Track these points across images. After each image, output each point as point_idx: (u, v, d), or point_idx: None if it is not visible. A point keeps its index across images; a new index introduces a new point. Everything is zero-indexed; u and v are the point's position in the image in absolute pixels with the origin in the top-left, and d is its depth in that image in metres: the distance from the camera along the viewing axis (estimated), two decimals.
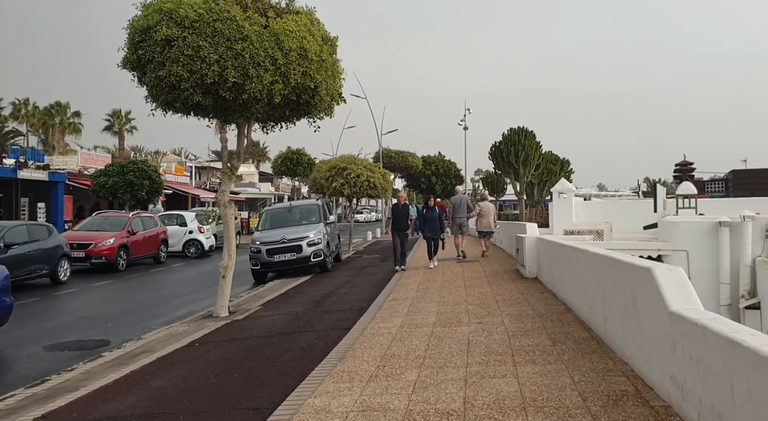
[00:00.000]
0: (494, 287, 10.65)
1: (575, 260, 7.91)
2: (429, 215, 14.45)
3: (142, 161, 24.94)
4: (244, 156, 10.22)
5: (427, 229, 14.38)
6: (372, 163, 23.03)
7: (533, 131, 27.50)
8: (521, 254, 12.04)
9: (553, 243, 9.70)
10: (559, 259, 9.17)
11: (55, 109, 61.16)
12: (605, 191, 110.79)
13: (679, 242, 15.29)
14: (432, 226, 14.32)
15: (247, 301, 11.46)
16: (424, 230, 14.51)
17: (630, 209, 24.38)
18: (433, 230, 14.36)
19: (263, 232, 15.60)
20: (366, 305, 9.64)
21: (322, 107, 9.71)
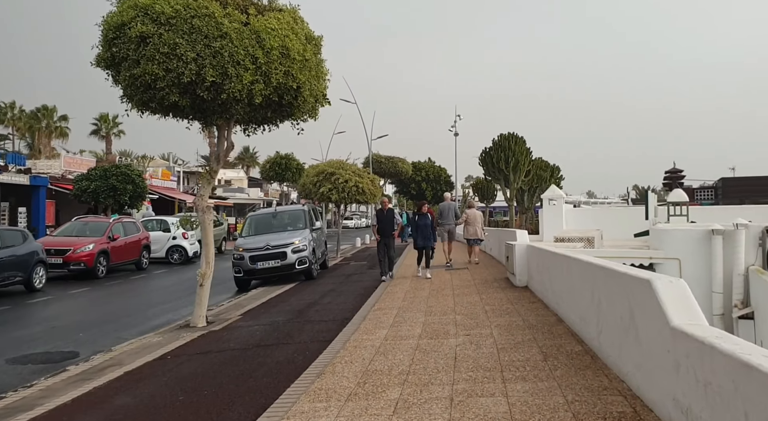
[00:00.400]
0: (483, 296, 10.30)
1: (567, 269, 7.57)
2: (422, 221, 13.40)
3: (125, 165, 24.41)
4: (224, 159, 9.82)
5: (420, 237, 13.40)
6: (360, 169, 22.66)
7: (523, 137, 27.33)
8: (511, 262, 11.70)
9: (544, 251, 9.38)
10: (551, 267, 8.84)
11: (42, 112, 60.44)
12: (594, 199, 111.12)
13: (672, 250, 15.03)
14: (425, 233, 13.34)
15: (227, 310, 11.04)
16: (416, 238, 13.51)
17: (620, 217, 24.20)
18: (426, 237, 13.36)
19: (247, 238, 15.19)
20: (350, 315, 9.26)
21: (306, 109, 9.35)
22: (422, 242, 13.35)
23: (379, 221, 13.70)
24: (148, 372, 6.52)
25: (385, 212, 13.69)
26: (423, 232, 13.32)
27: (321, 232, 17.22)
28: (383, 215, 13.67)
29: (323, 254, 17.24)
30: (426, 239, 13.34)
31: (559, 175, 33.92)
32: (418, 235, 13.37)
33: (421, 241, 13.35)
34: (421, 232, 13.32)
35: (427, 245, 13.37)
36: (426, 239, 13.33)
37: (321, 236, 17.23)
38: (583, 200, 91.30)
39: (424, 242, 13.35)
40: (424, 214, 13.52)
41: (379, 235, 13.51)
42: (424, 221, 13.39)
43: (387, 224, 13.54)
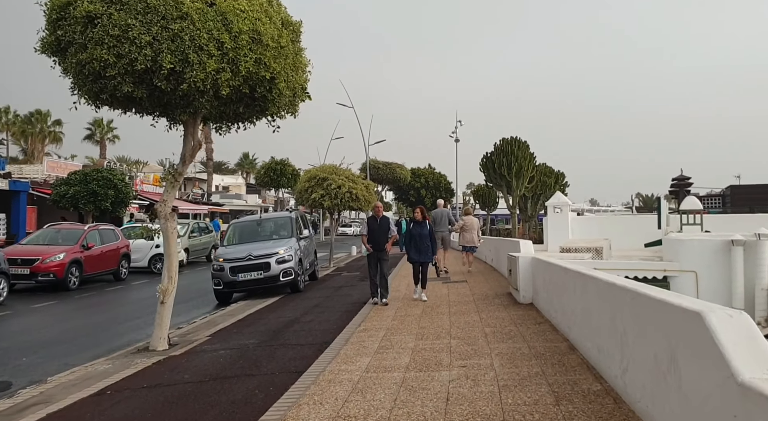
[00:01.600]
0: (483, 315, 9.17)
1: (582, 288, 6.44)
2: (417, 230, 11.09)
3: (107, 169, 23.30)
4: (190, 159, 8.71)
5: (414, 250, 11.00)
6: (355, 174, 21.56)
7: (527, 142, 26.13)
8: (514, 276, 10.57)
9: (553, 265, 8.25)
10: (561, 284, 7.71)
11: (35, 117, 59.57)
12: (597, 207, 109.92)
13: (687, 262, 13.91)
14: (421, 246, 10.96)
15: (197, 329, 9.91)
16: (410, 250, 11.13)
17: (629, 225, 23.04)
18: (422, 250, 10.97)
19: (228, 247, 14.06)
20: (331, 336, 8.13)
21: (282, 103, 8.26)
22: (416, 255, 11.00)
23: (370, 230, 11.15)
24: (75, 414, 5.39)
25: (378, 219, 11.27)
26: (418, 243, 10.98)
27: (310, 240, 16.08)
28: (375, 224, 11.22)
29: (312, 264, 16.10)
30: (421, 253, 10.98)
31: (564, 182, 32.76)
32: (411, 247, 11.05)
33: (416, 254, 11.00)
34: (415, 243, 11.01)
35: (423, 259, 11.02)
36: (421, 251, 10.98)
37: (310, 245, 16.11)
38: (585, 208, 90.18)
39: (419, 255, 10.98)
40: (421, 222, 11.17)
41: (371, 246, 11.12)
42: (420, 230, 11.07)
43: (379, 234, 11.09)
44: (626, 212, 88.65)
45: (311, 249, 16.22)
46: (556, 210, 20.88)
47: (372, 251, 11.14)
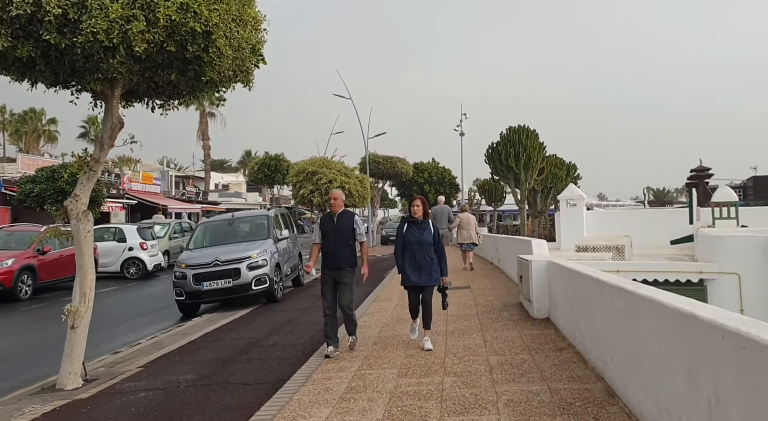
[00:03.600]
0: (488, 336, 7.27)
1: (627, 312, 4.53)
2: (416, 235, 6.82)
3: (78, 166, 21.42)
4: (109, 142, 6.86)
5: (411, 266, 6.78)
6: (348, 167, 19.68)
7: (536, 131, 24.05)
8: (526, 284, 8.66)
9: (578, 274, 6.32)
10: (591, 300, 5.78)
11: (29, 115, 58.15)
12: (605, 201, 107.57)
13: (727, 263, 11.93)
14: (422, 259, 6.76)
15: (136, 354, 8.07)
16: (404, 267, 6.83)
17: (650, 220, 21.00)
18: (423, 266, 6.76)
19: (194, 251, 12.22)
20: (291, 369, 6.28)
21: (225, 67, 6.37)
22: (415, 275, 6.76)
23: (324, 235, 6.87)
24: None
25: (335, 218, 6.88)
26: (417, 255, 6.75)
27: (292, 242, 14.18)
28: (331, 225, 6.85)
29: (295, 268, 14.23)
30: (423, 270, 6.74)
31: (576, 174, 30.66)
32: (407, 260, 6.80)
33: (413, 273, 6.76)
34: (412, 255, 6.76)
35: (425, 281, 6.77)
36: (422, 268, 6.74)
37: (292, 247, 14.22)
38: (594, 203, 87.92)
39: (419, 275, 6.75)
40: (420, 221, 6.89)
41: (325, 261, 6.86)
42: (419, 235, 6.80)
43: (338, 241, 6.79)
44: (637, 206, 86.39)
45: (294, 252, 14.34)
46: (570, 204, 18.92)
47: (324, 271, 6.82)
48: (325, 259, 6.86)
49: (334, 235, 6.81)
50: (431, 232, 6.91)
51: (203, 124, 55.82)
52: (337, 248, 6.79)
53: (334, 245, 6.80)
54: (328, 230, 6.89)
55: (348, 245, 6.86)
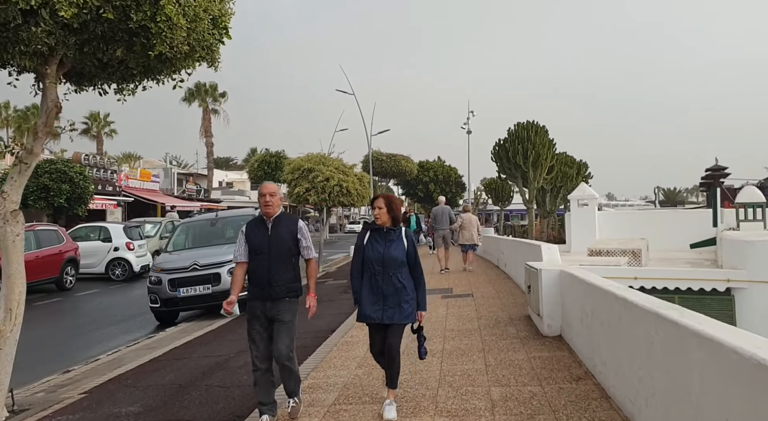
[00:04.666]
0: (491, 358, 6.23)
1: (674, 350, 3.47)
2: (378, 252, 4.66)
3: (63, 161, 20.60)
4: (45, 130, 5.88)
5: (372, 296, 4.64)
6: (346, 164, 18.65)
7: (545, 127, 22.85)
8: (535, 296, 7.60)
9: (599, 289, 5.26)
10: (616, 322, 4.73)
11: (31, 111, 57.46)
12: (614, 201, 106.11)
13: (759, 270, 10.81)
14: (391, 287, 4.60)
15: (85, 375, 7.08)
16: (364, 296, 4.65)
17: (666, 221, 19.83)
18: (389, 295, 4.60)
19: (172, 254, 11.24)
20: (253, 402, 5.24)
21: (177, 40, 5.35)
22: (377, 308, 4.61)
23: (253, 250, 4.66)
24: None
25: (270, 225, 4.68)
26: (380, 281, 4.62)
27: None
28: (263, 235, 4.66)
29: None
30: (387, 302, 4.60)
31: (587, 173, 29.45)
32: (364, 287, 4.68)
33: (375, 307, 4.62)
34: (373, 279, 4.65)
35: (390, 317, 4.59)
36: (387, 298, 4.60)
37: None
38: (603, 203, 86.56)
39: (383, 308, 4.60)
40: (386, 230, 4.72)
41: (254, 289, 4.65)
42: (382, 250, 4.65)
43: (273, 260, 4.60)
44: (647, 206, 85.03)
45: None
46: (581, 204, 17.81)
47: (253, 303, 4.64)
48: (253, 285, 4.57)
49: (268, 249, 4.55)
50: (403, 245, 4.65)
51: (206, 121, 55.06)
52: (272, 269, 4.52)
53: (267, 265, 4.52)
54: (259, 242, 4.57)
55: (288, 265, 4.60)
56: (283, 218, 4.75)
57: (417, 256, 4.79)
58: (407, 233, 4.81)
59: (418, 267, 4.78)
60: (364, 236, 4.81)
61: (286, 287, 4.60)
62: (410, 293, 4.69)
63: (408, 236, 4.78)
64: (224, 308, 4.59)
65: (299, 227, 4.79)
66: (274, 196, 4.69)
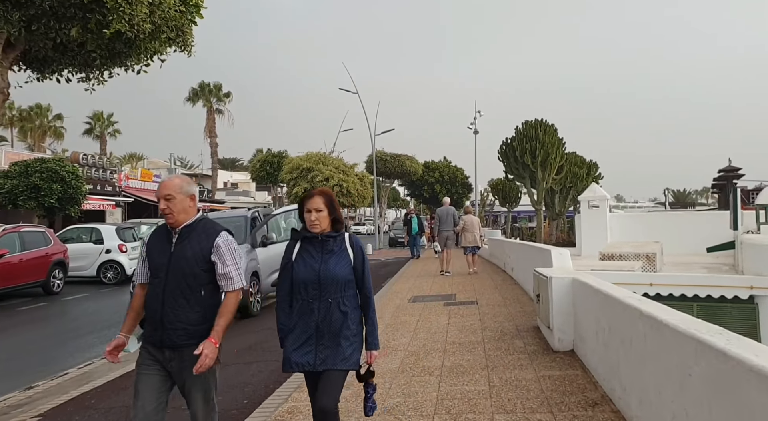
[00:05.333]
0: (496, 378, 5.56)
1: (723, 388, 2.78)
2: (313, 269, 3.27)
3: (55, 160, 20.01)
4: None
5: (302, 332, 3.25)
6: (347, 164, 18.00)
7: (554, 125, 22.05)
8: (545, 306, 6.92)
9: (621, 304, 4.57)
10: (641, 345, 4.04)
11: (35, 111, 57.22)
12: (623, 203, 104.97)
13: None
14: (329, 318, 3.24)
15: (48, 393, 6.45)
16: (290, 333, 3.29)
17: (679, 223, 19.05)
18: (330, 335, 3.24)
19: None
20: None
21: (138, 18, 4.73)
22: (307, 350, 3.24)
23: (152, 270, 3.30)
24: None
25: (175, 237, 3.27)
26: (312, 308, 3.25)
27: (276, 248, 12.47)
28: (164, 251, 3.24)
29: None
30: (322, 340, 3.24)
31: (597, 174, 28.64)
32: (293, 317, 3.28)
33: (304, 348, 3.24)
34: (305, 308, 3.26)
35: (327, 362, 3.22)
36: (323, 337, 3.24)
37: (282, 253, 12.51)
38: (612, 205, 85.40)
39: (315, 352, 3.23)
40: (324, 238, 3.33)
41: (147, 327, 3.29)
42: (318, 267, 3.28)
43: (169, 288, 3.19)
44: (656, 207, 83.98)
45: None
46: (592, 206, 17.09)
47: (144, 347, 3.30)
48: (147, 321, 3.28)
49: (165, 274, 3.19)
50: (349, 257, 3.34)
51: (210, 121, 54.58)
52: (166, 302, 3.15)
53: (162, 297, 3.17)
54: (158, 261, 3.22)
55: (193, 299, 3.18)
56: (196, 228, 3.24)
57: (367, 270, 3.42)
58: (353, 239, 3.44)
59: (366, 285, 3.40)
60: (292, 248, 3.38)
61: (186, 331, 3.12)
62: (355, 324, 3.32)
63: (355, 244, 3.43)
64: (105, 356, 3.33)
65: (217, 243, 3.21)
66: (170, 199, 3.16)
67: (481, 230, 15.54)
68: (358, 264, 3.38)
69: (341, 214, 3.51)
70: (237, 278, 3.28)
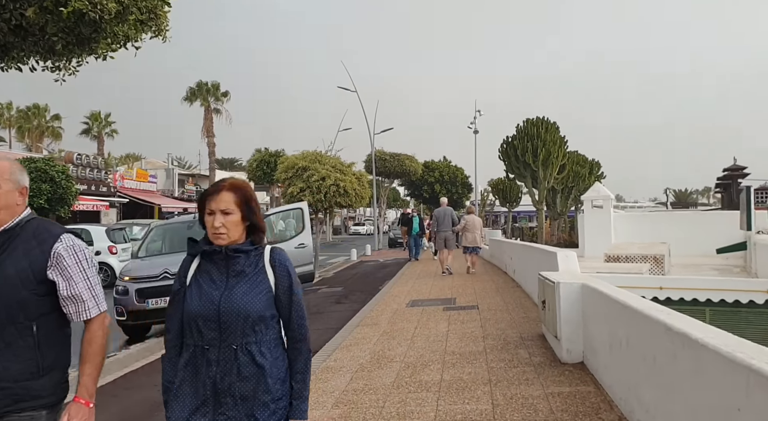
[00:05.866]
0: (499, 395, 5.06)
1: None
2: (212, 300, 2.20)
3: (44, 160, 19.53)
4: None
5: (196, 397, 2.16)
6: (344, 163, 17.50)
7: (556, 123, 21.56)
8: (551, 314, 6.41)
9: (644, 317, 4.06)
10: (670, 366, 3.53)
11: (32, 111, 56.74)
12: (623, 203, 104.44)
13: None
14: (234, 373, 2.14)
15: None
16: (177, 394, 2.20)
17: (685, 224, 18.54)
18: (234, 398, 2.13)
19: (144, 260, 10.12)
20: None
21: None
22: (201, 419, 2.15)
23: None
24: None
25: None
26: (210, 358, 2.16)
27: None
28: None
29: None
30: (219, 403, 2.14)
31: (600, 173, 28.13)
32: (183, 372, 2.23)
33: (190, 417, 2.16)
34: (199, 355, 2.19)
35: None
36: (218, 398, 2.14)
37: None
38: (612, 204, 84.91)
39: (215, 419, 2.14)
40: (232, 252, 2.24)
41: None
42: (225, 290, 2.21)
43: None
44: (657, 207, 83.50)
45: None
46: (595, 205, 16.60)
47: None
48: None
49: None
50: (267, 284, 2.25)
51: (208, 121, 54.04)
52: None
53: None
54: None
55: (18, 338, 2.17)
56: (21, 234, 2.26)
57: (297, 302, 2.29)
58: (276, 257, 2.27)
59: (294, 324, 2.29)
60: (187, 268, 2.38)
61: (9, 392, 2.11)
62: (279, 384, 2.21)
63: (278, 263, 2.26)
64: None
65: (56, 252, 2.24)
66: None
67: (483, 231, 15.43)
68: (281, 292, 2.23)
69: (261, 218, 2.32)
70: (93, 299, 2.26)
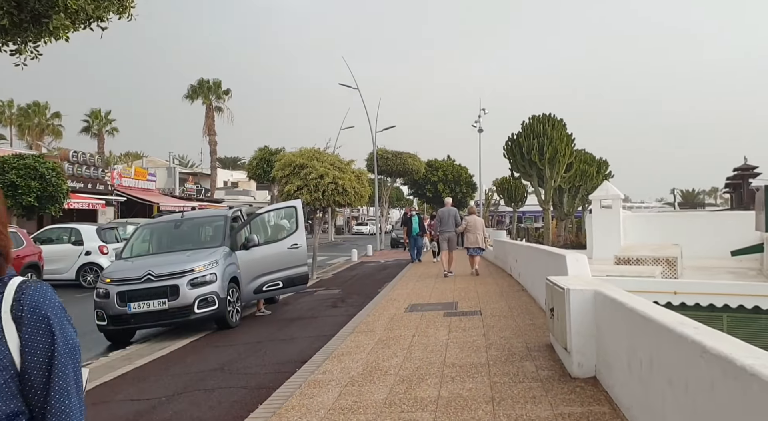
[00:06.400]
0: (503, 415, 4.52)
1: None
2: None
3: (34, 156, 19.02)
4: None
5: None
6: (343, 161, 16.96)
7: (563, 120, 20.87)
8: (561, 323, 5.83)
9: (675, 334, 3.49)
10: (707, 397, 2.96)
11: (33, 109, 56.41)
12: (630, 203, 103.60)
13: None
14: None
15: None
16: None
17: (697, 225, 17.88)
18: None
19: (126, 261, 9.59)
20: None
21: None
22: None
23: None
24: None
25: None
26: None
27: (265, 251, 11.37)
28: None
29: (271, 283, 11.44)
30: None
31: (607, 172, 27.42)
32: None
33: None
34: None
35: None
36: None
37: (268, 257, 11.42)
38: None
39: None
40: None
41: None
42: None
43: None
44: (664, 208, 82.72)
45: (268, 262, 11.54)
46: (604, 205, 16.00)
47: None
48: None
49: None
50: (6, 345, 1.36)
51: (209, 119, 53.69)
52: None
53: None
54: None
55: None
56: None
57: (62, 371, 1.39)
58: (30, 296, 1.43)
59: (55, 403, 1.38)
60: None
61: None
62: None
63: (27, 307, 1.40)
64: None
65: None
66: None
67: (485, 232, 15.07)
68: (32, 365, 1.39)
69: (7, 237, 1.51)
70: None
